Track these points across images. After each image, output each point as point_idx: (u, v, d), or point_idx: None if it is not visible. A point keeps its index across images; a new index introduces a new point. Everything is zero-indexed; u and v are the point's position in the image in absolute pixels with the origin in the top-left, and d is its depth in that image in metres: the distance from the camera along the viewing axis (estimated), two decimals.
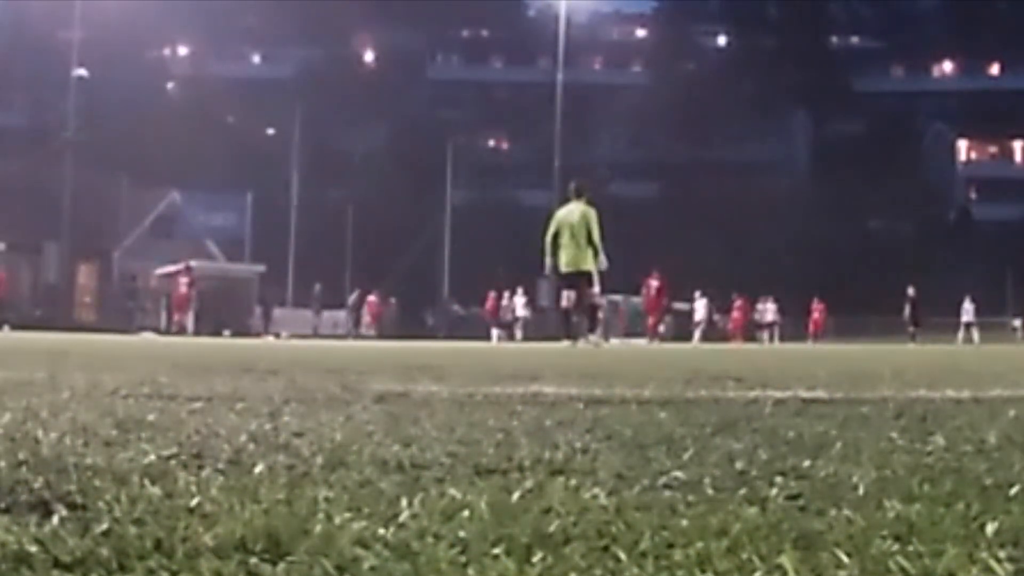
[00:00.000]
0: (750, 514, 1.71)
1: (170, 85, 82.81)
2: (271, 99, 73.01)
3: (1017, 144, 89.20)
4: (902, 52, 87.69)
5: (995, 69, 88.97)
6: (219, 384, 5.01)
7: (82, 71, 50.23)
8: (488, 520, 1.64)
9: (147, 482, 1.94)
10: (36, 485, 1.89)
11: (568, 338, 16.70)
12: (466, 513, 1.69)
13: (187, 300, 40.79)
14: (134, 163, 56.98)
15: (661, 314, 36.74)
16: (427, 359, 10.02)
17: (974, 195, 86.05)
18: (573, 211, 16.40)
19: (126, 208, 54.65)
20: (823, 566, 1.40)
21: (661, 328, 36.56)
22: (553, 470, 2.22)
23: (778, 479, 2.10)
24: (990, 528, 1.60)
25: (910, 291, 41.91)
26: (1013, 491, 1.93)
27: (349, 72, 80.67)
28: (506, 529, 1.57)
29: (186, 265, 43.74)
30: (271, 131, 72.67)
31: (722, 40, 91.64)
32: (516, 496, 1.85)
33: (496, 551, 1.45)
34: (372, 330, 45.66)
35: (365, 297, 48.34)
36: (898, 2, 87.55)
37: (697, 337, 37.39)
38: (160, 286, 47.39)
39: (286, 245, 58.30)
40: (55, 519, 1.62)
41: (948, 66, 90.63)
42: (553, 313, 52.87)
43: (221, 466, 2.21)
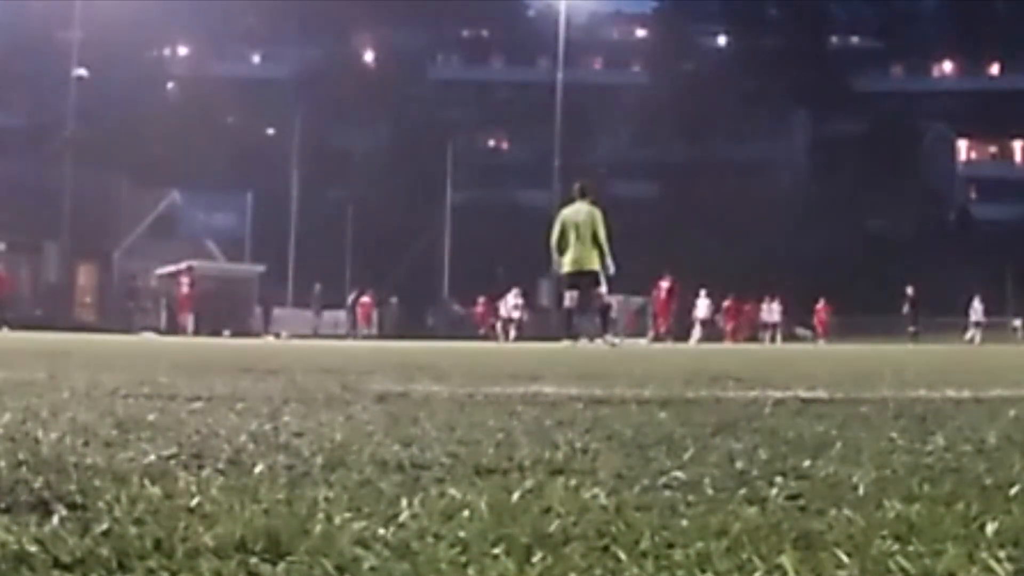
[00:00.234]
0: (750, 514, 1.71)
1: (170, 85, 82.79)
2: (271, 99, 73.09)
3: (1017, 144, 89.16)
4: (902, 52, 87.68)
5: (995, 69, 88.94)
6: (219, 384, 5.01)
7: (82, 71, 50.27)
8: (488, 520, 1.64)
9: (147, 482, 1.94)
10: (36, 485, 1.89)
11: (569, 338, 16.69)
12: (466, 513, 1.69)
13: (190, 300, 40.76)
14: (134, 163, 57.03)
15: (671, 316, 36.68)
16: (427, 359, 10.02)
17: (974, 195, 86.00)
18: (579, 211, 16.34)
19: (126, 208, 54.68)
20: (823, 566, 1.40)
21: (662, 329, 36.53)
22: (553, 470, 2.22)
23: (778, 479, 2.10)
24: (990, 528, 1.60)
25: (909, 291, 41.95)
26: (1013, 491, 1.93)
27: (349, 72, 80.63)
28: (506, 529, 1.57)
29: (188, 265, 43.67)
30: (271, 131, 72.74)
31: (722, 40, 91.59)
32: (516, 496, 1.85)
33: (496, 551, 1.45)
34: (363, 330, 45.26)
35: (358, 297, 48.12)
36: (898, 2, 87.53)
37: (696, 337, 37.23)
38: (160, 286, 47.35)
39: (286, 245, 58.30)
40: (55, 519, 1.62)
41: (948, 66, 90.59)
42: (553, 313, 52.98)
43: (221, 466, 2.21)
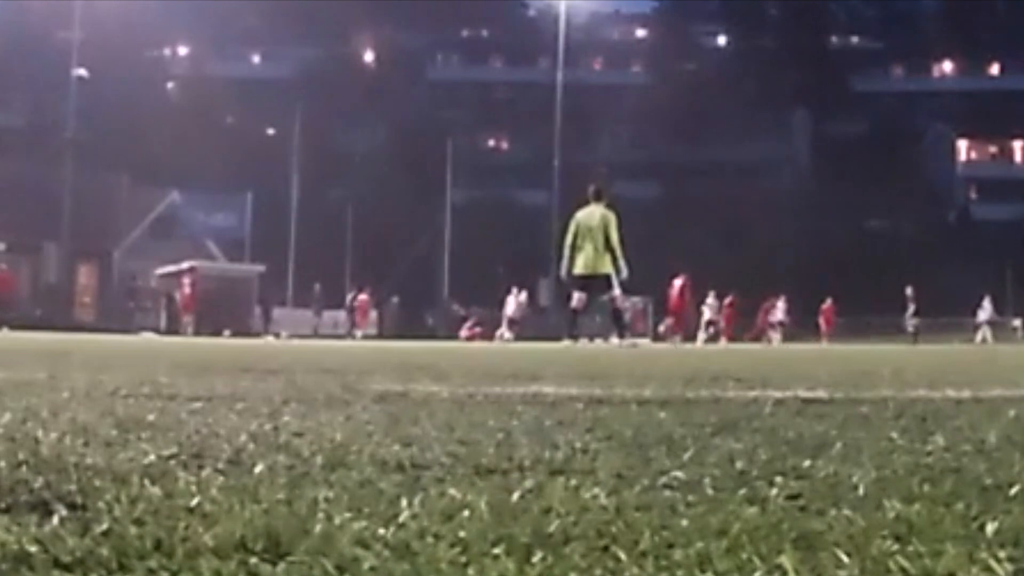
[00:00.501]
0: (750, 514, 1.71)
1: (170, 85, 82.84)
2: (271, 99, 73.07)
3: (1017, 144, 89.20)
4: (902, 52, 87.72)
5: (995, 69, 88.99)
6: (219, 384, 5.01)
7: (82, 71, 50.25)
8: (488, 520, 1.64)
9: (147, 482, 1.94)
10: (36, 485, 1.89)
11: (570, 338, 16.85)
12: (466, 513, 1.69)
13: (193, 301, 40.64)
14: (134, 163, 57.07)
15: (684, 315, 36.61)
16: (427, 359, 10.02)
17: (974, 195, 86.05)
18: (593, 213, 16.42)
19: (126, 208, 54.71)
20: (823, 566, 1.40)
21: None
22: (553, 470, 2.22)
23: (778, 479, 2.10)
24: (990, 528, 1.60)
25: (909, 291, 41.95)
26: (1013, 491, 1.93)
27: (349, 72, 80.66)
28: (506, 529, 1.57)
29: (191, 266, 43.57)
30: (271, 131, 72.71)
31: (722, 40, 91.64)
32: (516, 496, 1.85)
33: (496, 551, 1.45)
34: (359, 330, 45.09)
35: (356, 296, 47.96)
36: (898, 2, 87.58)
37: (703, 338, 37.14)
38: (160, 286, 47.33)
39: (286, 245, 58.28)
40: (55, 519, 1.62)
41: (948, 66, 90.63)
42: (553, 313, 52.98)
43: (221, 466, 2.21)
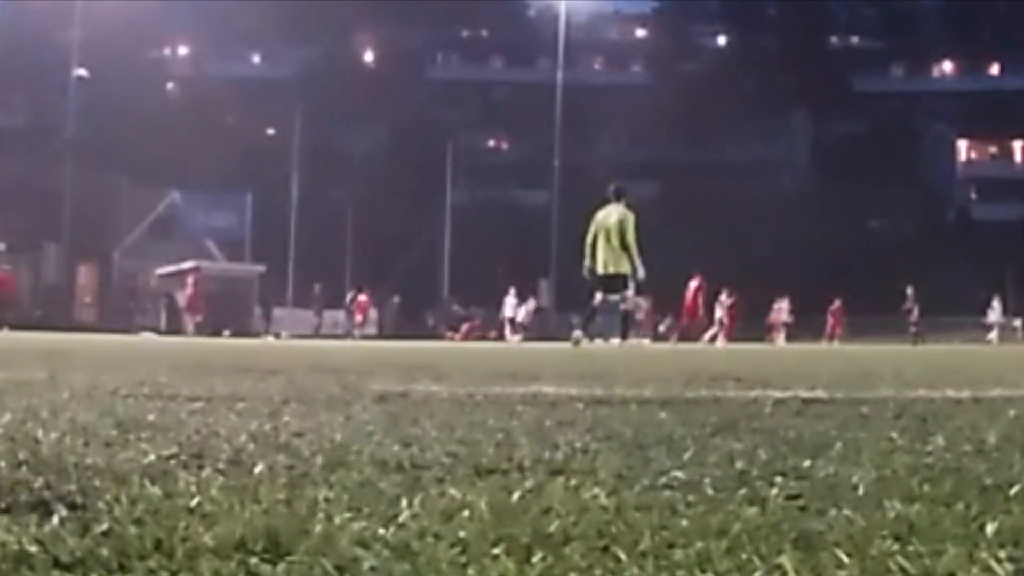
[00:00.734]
0: (750, 514, 1.71)
1: (170, 85, 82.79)
2: (271, 99, 73.04)
3: (1017, 144, 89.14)
4: (902, 52, 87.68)
5: (995, 69, 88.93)
6: (219, 384, 5.01)
7: (82, 71, 50.28)
8: (488, 520, 1.64)
9: (147, 482, 1.94)
10: (36, 485, 1.89)
11: (584, 334, 17.26)
12: (466, 513, 1.69)
13: (196, 300, 40.47)
14: (134, 163, 56.99)
15: (698, 317, 36.51)
16: (427, 359, 10.02)
17: (974, 195, 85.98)
18: (611, 213, 16.56)
19: (126, 208, 54.68)
20: (823, 566, 1.40)
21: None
22: (553, 470, 2.22)
23: (778, 479, 2.10)
24: (990, 528, 1.60)
25: (909, 291, 41.93)
26: (1013, 491, 1.93)
27: (349, 72, 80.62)
28: (506, 529, 1.57)
29: (194, 265, 43.41)
30: (271, 131, 72.71)
31: (722, 40, 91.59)
32: (516, 496, 1.85)
33: (496, 551, 1.45)
34: (358, 329, 44.98)
35: (356, 296, 47.84)
36: (898, 2, 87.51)
37: (707, 337, 36.99)
38: (160, 286, 47.28)
39: (286, 245, 58.30)
40: (55, 519, 1.62)
41: (948, 66, 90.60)
42: (553, 314, 52.93)
43: (221, 466, 2.21)
